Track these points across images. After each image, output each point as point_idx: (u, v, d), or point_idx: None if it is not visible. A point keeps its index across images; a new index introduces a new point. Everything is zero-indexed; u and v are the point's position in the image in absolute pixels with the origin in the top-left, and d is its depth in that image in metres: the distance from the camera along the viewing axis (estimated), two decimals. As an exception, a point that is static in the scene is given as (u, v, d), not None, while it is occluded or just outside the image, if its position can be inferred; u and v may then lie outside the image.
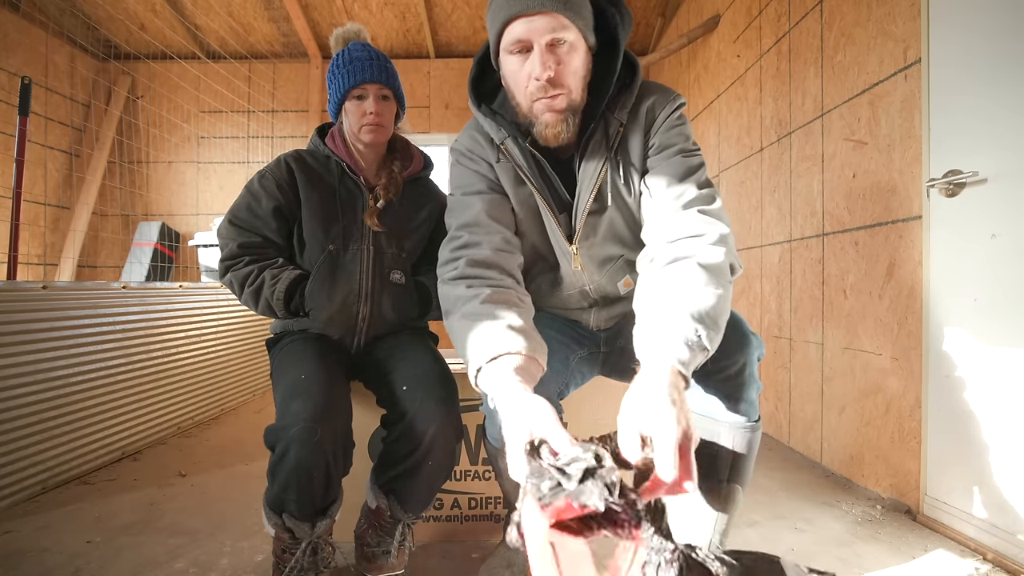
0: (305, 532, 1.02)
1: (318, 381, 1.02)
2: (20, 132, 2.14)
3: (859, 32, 1.70)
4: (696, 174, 0.89)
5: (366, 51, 1.18)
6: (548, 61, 0.84)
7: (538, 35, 0.83)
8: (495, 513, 1.35)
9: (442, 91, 4.71)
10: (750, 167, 2.50)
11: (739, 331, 0.87)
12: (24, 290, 1.59)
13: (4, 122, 3.64)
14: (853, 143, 1.72)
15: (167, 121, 4.50)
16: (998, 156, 1.24)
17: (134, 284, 2.04)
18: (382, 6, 4.23)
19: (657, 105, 0.93)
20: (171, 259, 4.45)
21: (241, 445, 2.10)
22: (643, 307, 0.80)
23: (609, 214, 0.96)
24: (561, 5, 0.81)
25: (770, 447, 2.12)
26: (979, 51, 1.29)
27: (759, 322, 2.42)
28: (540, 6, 0.81)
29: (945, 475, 1.38)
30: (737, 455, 0.90)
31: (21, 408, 1.56)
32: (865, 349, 1.67)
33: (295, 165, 1.21)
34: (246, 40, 4.47)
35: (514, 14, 0.83)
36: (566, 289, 1.05)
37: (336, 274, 1.18)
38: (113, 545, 1.31)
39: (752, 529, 1.40)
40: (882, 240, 1.60)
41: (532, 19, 0.82)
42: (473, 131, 1.02)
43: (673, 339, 0.68)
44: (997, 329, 1.25)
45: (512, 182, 0.98)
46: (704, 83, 3.13)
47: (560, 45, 0.84)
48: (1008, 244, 1.22)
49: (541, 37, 0.83)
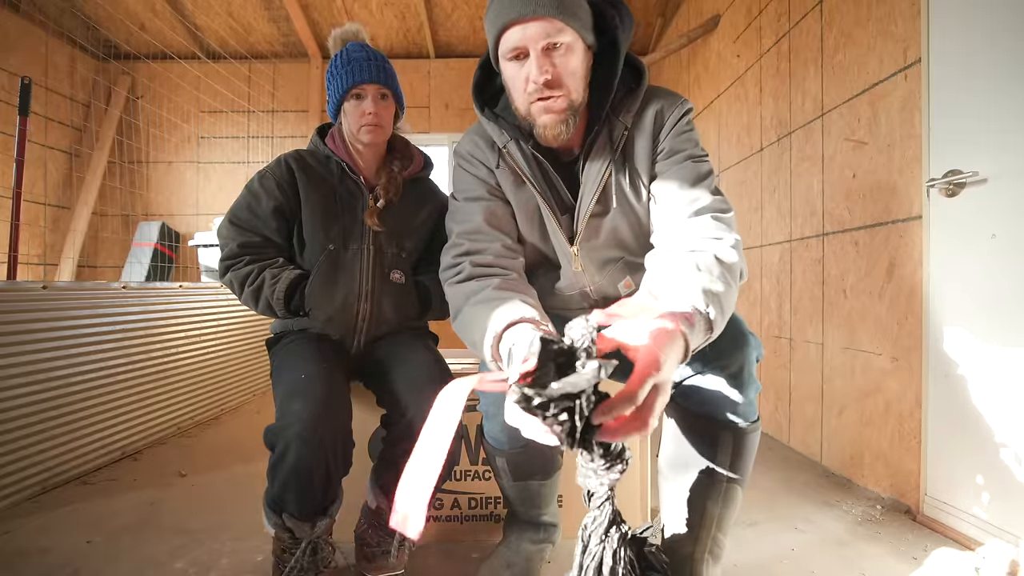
0: (305, 532, 1.02)
1: (318, 381, 1.02)
2: (20, 132, 2.14)
3: (859, 32, 1.70)
4: (707, 180, 0.90)
5: (364, 51, 1.18)
6: (544, 65, 0.84)
7: (533, 41, 0.83)
8: (495, 513, 1.36)
9: (442, 91, 4.71)
10: (750, 167, 2.50)
11: (738, 331, 0.87)
12: (24, 290, 1.59)
13: (4, 122, 3.64)
14: (853, 143, 1.72)
15: (167, 121, 4.50)
16: (998, 156, 1.24)
17: (134, 284, 2.04)
18: (382, 6, 4.23)
19: (666, 110, 0.93)
20: (171, 259, 4.45)
21: (241, 445, 2.10)
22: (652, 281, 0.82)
23: (612, 216, 0.96)
24: (555, 9, 0.81)
25: (770, 447, 2.12)
26: (979, 51, 1.29)
27: (759, 322, 2.42)
28: (533, 12, 0.81)
29: (945, 475, 1.38)
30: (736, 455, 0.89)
31: (21, 408, 1.56)
32: (865, 349, 1.67)
33: (295, 165, 1.21)
34: (246, 40, 4.47)
35: (509, 21, 0.83)
36: (567, 290, 1.06)
37: (336, 274, 1.18)
38: (113, 545, 1.31)
39: (752, 529, 1.40)
40: (882, 240, 1.60)
41: (526, 25, 0.82)
42: (475, 135, 1.02)
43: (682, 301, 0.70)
44: (997, 329, 1.25)
45: (513, 185, 0.98)
46: (704, 83, 3.13)
47: (556, 48, 0.84)
48: (1008, 244, 1.22)
49: (536, 43, 0.83)
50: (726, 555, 0.94)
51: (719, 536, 0.92)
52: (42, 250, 4.08)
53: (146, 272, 4.23)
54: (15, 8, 3.76)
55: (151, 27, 4.27)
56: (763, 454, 1.99)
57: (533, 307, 0.81)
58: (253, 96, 4.59)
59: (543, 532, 1.17)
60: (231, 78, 4.45)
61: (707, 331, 0.70)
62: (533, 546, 1.15)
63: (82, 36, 4.18)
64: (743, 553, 1.27)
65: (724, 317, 0.73)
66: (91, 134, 4.34)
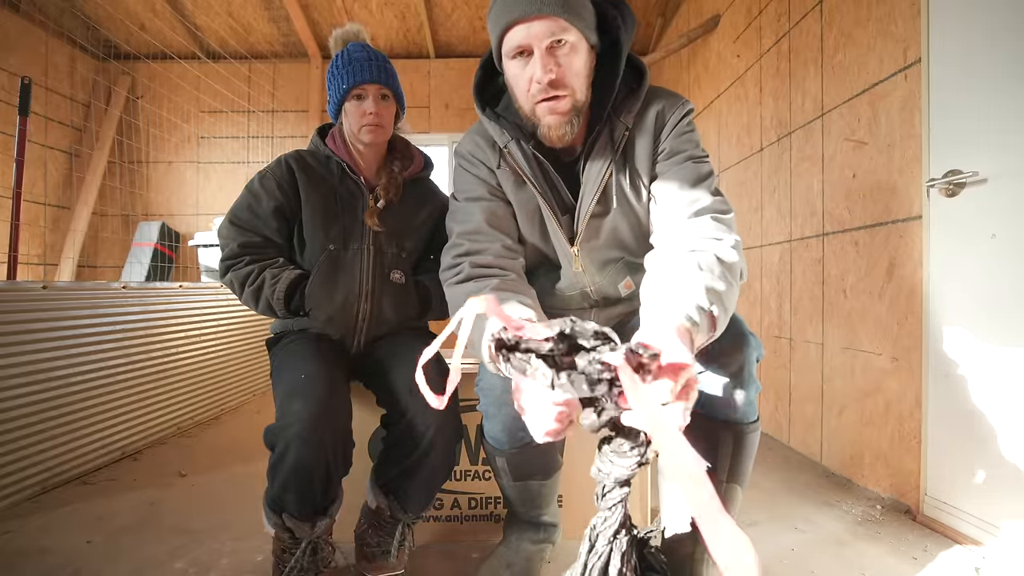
0: (305, 532, 1.02)
1: (318, 381, 1.02)
2: (20, 132, 2.14)
3: (859, 32, 1.70)
4: (707, 181, 0.90)
5: (365, 52, 1.18)
6: (549, 64, 0.84)
7: (537, 40, 0.83)
8: (495, 513, 1.35)
9: (442, 91, 4.70)
10: (750, 167, 2.50)
11: (738, 331, 0.87)
12: (24, 290, 1.59)
13: (4, 122, 3.63)
14: (853, 143, 1.72)
15: (167, 121, 4.49)
16: (998, 156, 1.24)
17: (134, 284, 2.04)
18: (382, 6, 4.23)
19: (667, 110, 0.94)
20: (171, 259, 4.45)
21: (241, 445, 2.10)
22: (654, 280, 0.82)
23: (613, 217, 0.96)
24: (559, 8, 0.81)
25: (770, 447, 2.12)
26: (979, 51, 1.29)
27: (759, 322, 2.42)
28: (538, 10, 0.81)
29: (945, 475, 1.38)
30: (736, 455, 0.90)
31: (21, 408, 1.56)
32: (865, 349, 1.67)
33: (296, 165, 1.22)
34: (246, 40, 4.47)
35: (513, 20, 0.83)
36: (567, 290, 1.06)
37: (336, 274, 1.18)
38: (113, 545, 1.31)
39: (752, 529, 1.40)
40: (882, 240, 1.60)
41: (531, 24, 0.82)
42: (476, 135, 1.02)
43: (686, 302, 0.70)
44: (997, 329, 1.25)
45: (513, 185, 0.98)
46: (704, 83, 3.13)
47: (560, 47, 0.84)
48: (1008, 244, 1.22)
49: (541, 41, 0.83)
50: (726, 555, 0.94)
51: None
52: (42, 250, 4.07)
53: (146, 272, 4.23)
54: (15, 8, 3.75)
55: (151, 27, 4.26)
56: (763, 454, 1.99)
57: (531, 308, 0.81)
58: (253, 96, 4.59)
59: (543, 532, 1.17)
60: (231, 78, 4.44)
61: (710, 329, 0.70)
62: (533, 546, 1.15)
63: (82, 36, 4.17)
64: (743, 553, 1.27)
65: (727, 316, 0.73)
66: (91, 134, 4.33)
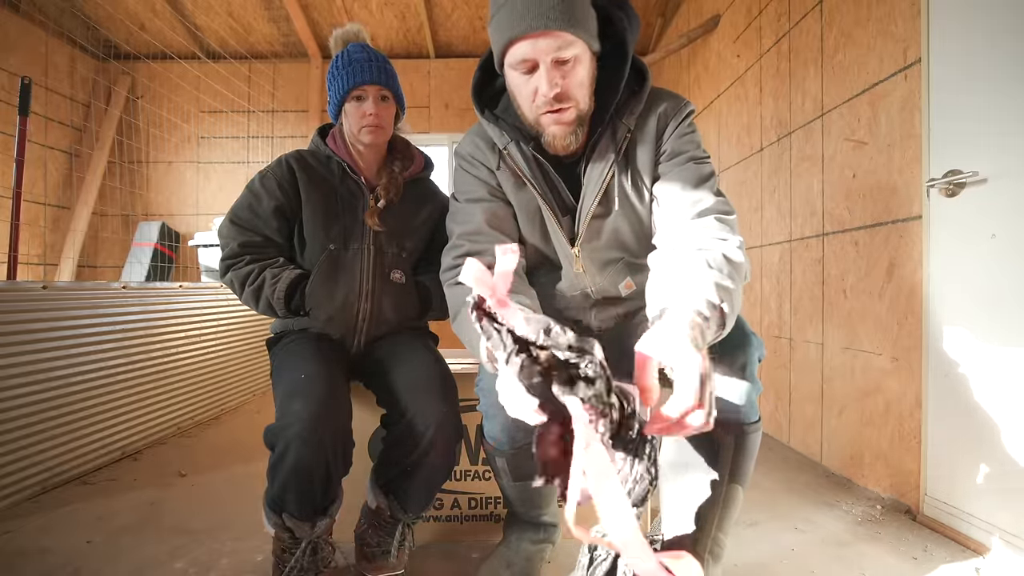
0: (305, 532, 1.02)
1: (318, 381, 1.02)
2: (20, 132, 2.14)
3: (859, 32, 1.70)
4: (709, 182, 0.90)
5: (365, 52, 1.18)
6: (555, 78, 0.83)
7: (544, 54, 0.82)
8: (495, 513, 1.35)
9: (442, 91, 4.70)
10: (750, 167, 2.50)
11: (740, 331, 0.87)
12: (24, 290, 1.59)
13: (4, 122, 3.63)
14: (853, 143, 1.72)
15: (167, 121, 4.49)
16: (998, 156, 1.24)
17: (134, 284, 2.04)
18: (382, 6, 4.23)
19: (669, 111, 0.94)
20: (171, 259, 4.45)
21: (241, 445, 2.10)
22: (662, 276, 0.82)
23: (614, 218, 0.97)
24: (565, 23, 0.81)
25: (770, 447, 2.12)
26: (979, 51, 1.29)
27: (759, 322, 2.42)
28: (544, 26, 0.80)
29: (945, 475, 1.38)
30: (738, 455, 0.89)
31: (21, 408, 1.56)
32: (865, 349, 1.67)
33: (296, 165, 1.22)
34: (246, 40, 4.47)
35: (518, 34, 0.82)
36: (568, 291, 1.06)
37: (336, 273, 1.18)
38: (113, 545, 1.31)
39: (752, 529, 1.40)
40: (882, 240, 1.60)
41: (537, 40, 0.82)
42: (475, 136, 1.02)
43: (696, 296, 0.70)
44: (997, 329, 1.25)
45: (514, 186, 0.98)
46: (704, 83, 3.13)
47: (566, 62, 0.84)
48: (1008, 244, 1.22)
49: (547, 56, 0.83)
50: (726, 555, 0.94)
51: (720, 536, 0.92)
52: (42, 250, 4.07)
53: (146, 272, 4.23)
54: (15, 8, 3.75)
55: (151, 27, 4.26)
56: (763, 454, 1.99)
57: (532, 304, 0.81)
58: (253, 96, 4.59)
59: (543, 532, 1.17)
60: (231, 78, 4.44)
61: (720, 327, 0.70)
62: (533, 546, 1.15)
63: (82, 36, 4.17)
64: (743, 553, 1.27)
65: (734, 315, 0.74)
66: (91, 134, 4.33)
